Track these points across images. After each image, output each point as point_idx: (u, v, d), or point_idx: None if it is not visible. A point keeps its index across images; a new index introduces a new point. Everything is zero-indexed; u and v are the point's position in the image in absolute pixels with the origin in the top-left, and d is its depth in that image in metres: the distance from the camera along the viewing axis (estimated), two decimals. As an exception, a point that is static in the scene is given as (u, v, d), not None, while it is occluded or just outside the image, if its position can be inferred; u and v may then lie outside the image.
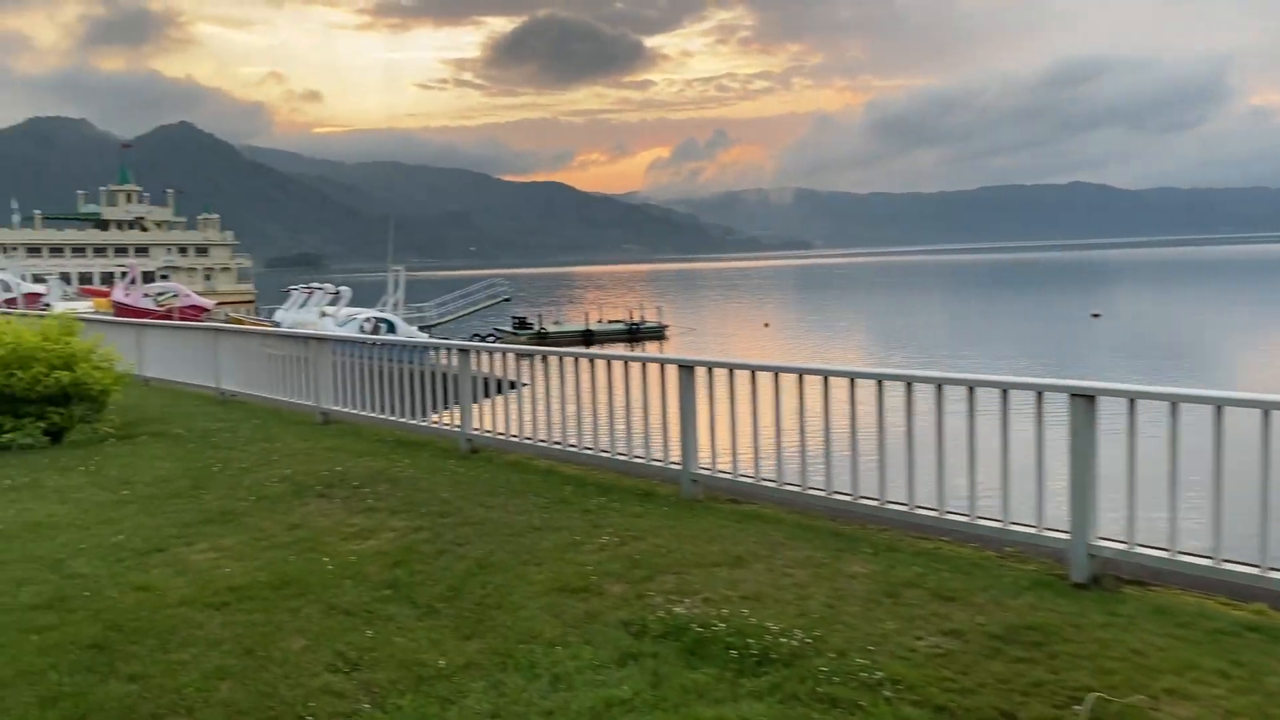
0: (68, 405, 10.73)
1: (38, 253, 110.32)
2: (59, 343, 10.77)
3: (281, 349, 13.01)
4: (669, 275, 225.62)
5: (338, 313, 40.58)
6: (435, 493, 7.75)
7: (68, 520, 7.32)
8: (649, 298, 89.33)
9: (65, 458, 9.65)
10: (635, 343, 54.59)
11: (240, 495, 7.88)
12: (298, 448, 9.86)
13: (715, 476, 7.66)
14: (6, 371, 10.43)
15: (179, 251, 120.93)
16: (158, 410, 12.68)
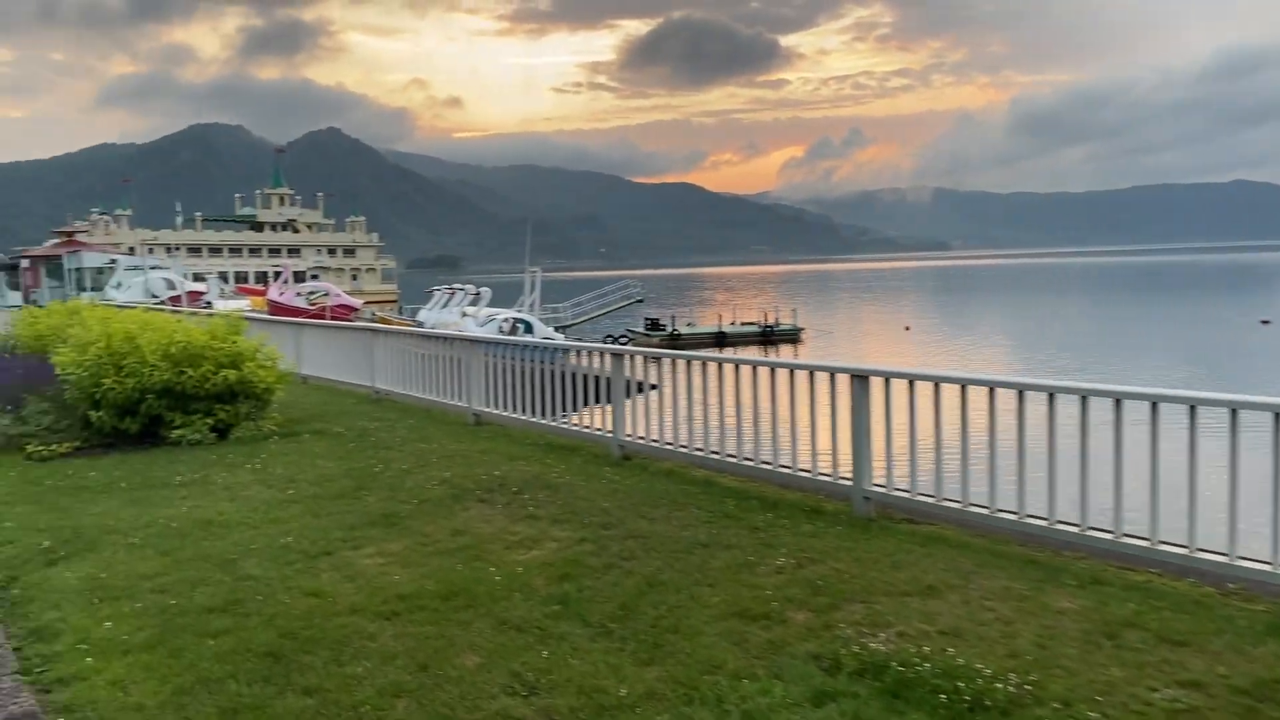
0: (234, 403, 11.01)
1: (198, 253, 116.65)
2: (226, 342, 11.07)
3: (434, 350, 13.10)
4: (801, 276, 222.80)
5: (478, 313, 41.34)
6: (595, 501, 7.53)
7: (237, 519, 7.40)
8: (782, 299, 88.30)
9: (232, 455, 9.87)
10: (769, 345, 53.91)
11: (402, 498, 7.83)
12: (453, 450, 9.83)
13: (891, 495, 7.18)
14: (177, 369, 10.77)
15: (328, 252, 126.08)
16: (317, 408, 12.94)
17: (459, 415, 12.22)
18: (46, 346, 14.51)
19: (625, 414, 9.59)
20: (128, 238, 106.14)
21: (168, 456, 9.95)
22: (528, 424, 11.10)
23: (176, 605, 5.55)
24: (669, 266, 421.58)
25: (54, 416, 11.07)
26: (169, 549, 6.66)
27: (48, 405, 11.26)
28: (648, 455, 9.38)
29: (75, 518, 7.57)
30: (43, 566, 6.45)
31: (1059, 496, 6.20)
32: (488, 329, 38.44)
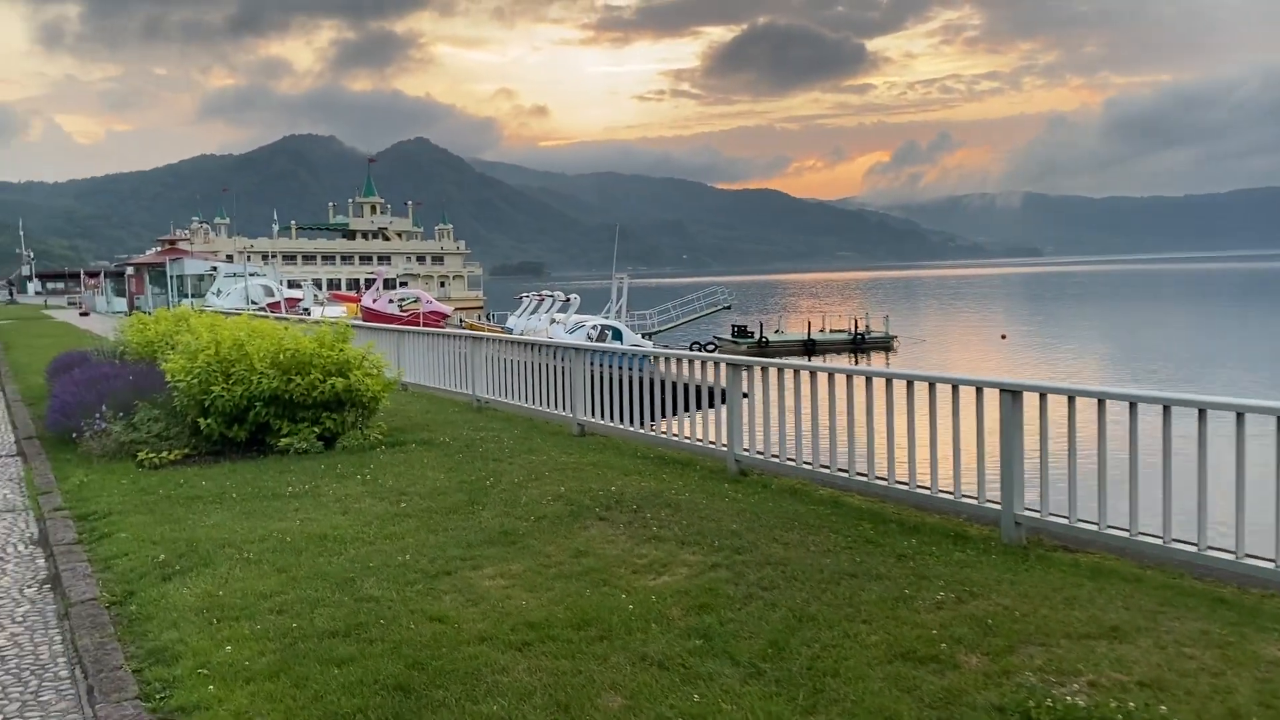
0: (340, 411, 10.88)
1: (292, 260, 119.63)
2: (334, 350, 10.94)
3: (536, 358, 12.85)
4: (887, 283, 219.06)
5: (567, 319, 41.25)
6: (721, 522, 7.10)
7: (351, 534, 7.16)
8: (868, 306, 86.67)
9: (341, 464, 9.70)
10: (860, 353, 52.85)
11: (518, 514, 7.52)
12: (563, 462, 9.52)
13: (1046, 520, 6.60)
14: (285, 377, 10.67)
15: (416, 259, 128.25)
16: (420, 417, 12.79)
17: (562, 425, 11.93)
18: (156, 353, 14.70)
19: (742, 428, 9.15)
20: (226, 245, 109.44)
21: (277, 466, 9.84)
22: (634, 435, 10.74)
23: (297, 628, 5.30)
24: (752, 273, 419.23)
25: (164, 424, 11.09)
26: (285, 565, 6.44)
27: (158, 412, 11.29)
28: (766, 471, 8.93)
29: (189, 530, 7.43)
30: (159, 581, 6.29)
31: (1246, 527, 5.58)
32: (576, 335, 38.35)
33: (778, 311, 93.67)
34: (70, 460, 10.66)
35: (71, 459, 10.70)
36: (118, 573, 6.56)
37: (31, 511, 8.77)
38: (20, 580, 6.76)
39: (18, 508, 8.96)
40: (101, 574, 6.60)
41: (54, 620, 5.96)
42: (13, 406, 15.73)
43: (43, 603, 6.29)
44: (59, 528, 7.93)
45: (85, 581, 6.47)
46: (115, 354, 15.82)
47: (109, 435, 10.80)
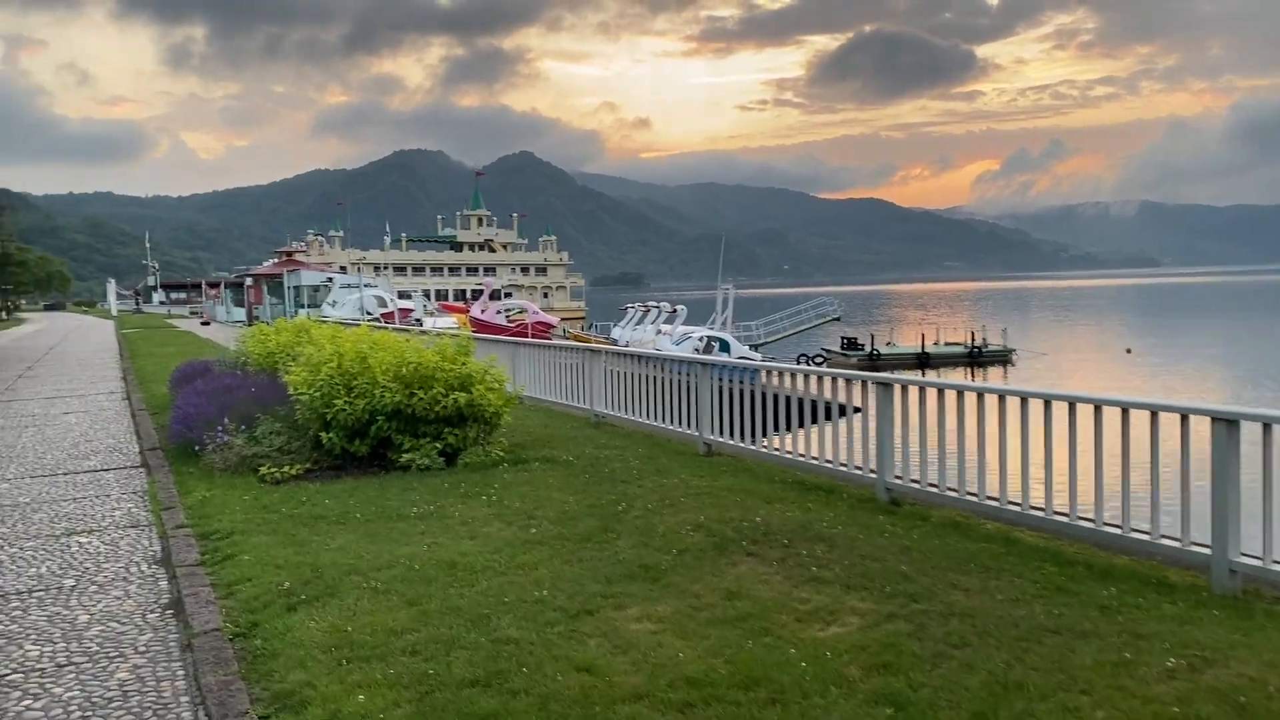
0: (463, 426, 10.52)
1: (402, 271, 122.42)
2: (456, 363, 10.60)
3: (658, 372, 12.30)
4: (996, 294, 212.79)
5: (674, 331, 40.76)
6: (886, 562, 6.41)
7: (482, 562, 6.70)
8: (979, 317, 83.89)
9: (464, 483, 9.30)
10: (977, 367, 50.98)
11: (656, 545, 6.95)
12: (697, 486, 8.92)
13: (1270, 568, 5.72)
14: (408, 391, 10.36)
15: (520, 271, 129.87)
16: (539, 432, 12.37)
17: (687, 444, 11.36)
18: (277, 364, 14.66)
19: (894, 453, 8.41)
20: (340, 257, 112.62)
21: (399, 483, 9.50)
22: (767, 456, 10.09)
23: (434, 675, 4.82)
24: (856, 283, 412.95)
25: (286, 437, 10.90)
26: (415, 597, 6.00)
27: (280, 425, 11.12)
28: (920, 501, 8.17)
29: (313, 554, 7.08)
30: (284, 612, 5.92)
31: None
32: (683, 347, 37.79)
33: (885, 323, 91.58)
34: (193, 473, 10.54)
35: (194, 472, 10.58)
36: (241, 600, 6.22)
37: (154, 528, 8.59)
38: (143, 604, 6.48)
39: (141, 523, 8.80)
40: (224, 600, 6.27)
41: (176, 651, 5.62)
42: (138, 416, 15.93)
43: (165, 631, 5.98)
44: (181, 547, 7.70)
45: (208, 609, 6.14)
46: (237, 365, 15.90)
47: (231, 448, 10.65)
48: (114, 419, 16.17)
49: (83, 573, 7.25)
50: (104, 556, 7.68)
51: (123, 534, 8.40)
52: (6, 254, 75.54)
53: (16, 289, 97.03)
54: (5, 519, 9.12)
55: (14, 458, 12.55)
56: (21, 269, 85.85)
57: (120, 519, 8.99)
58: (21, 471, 11.57)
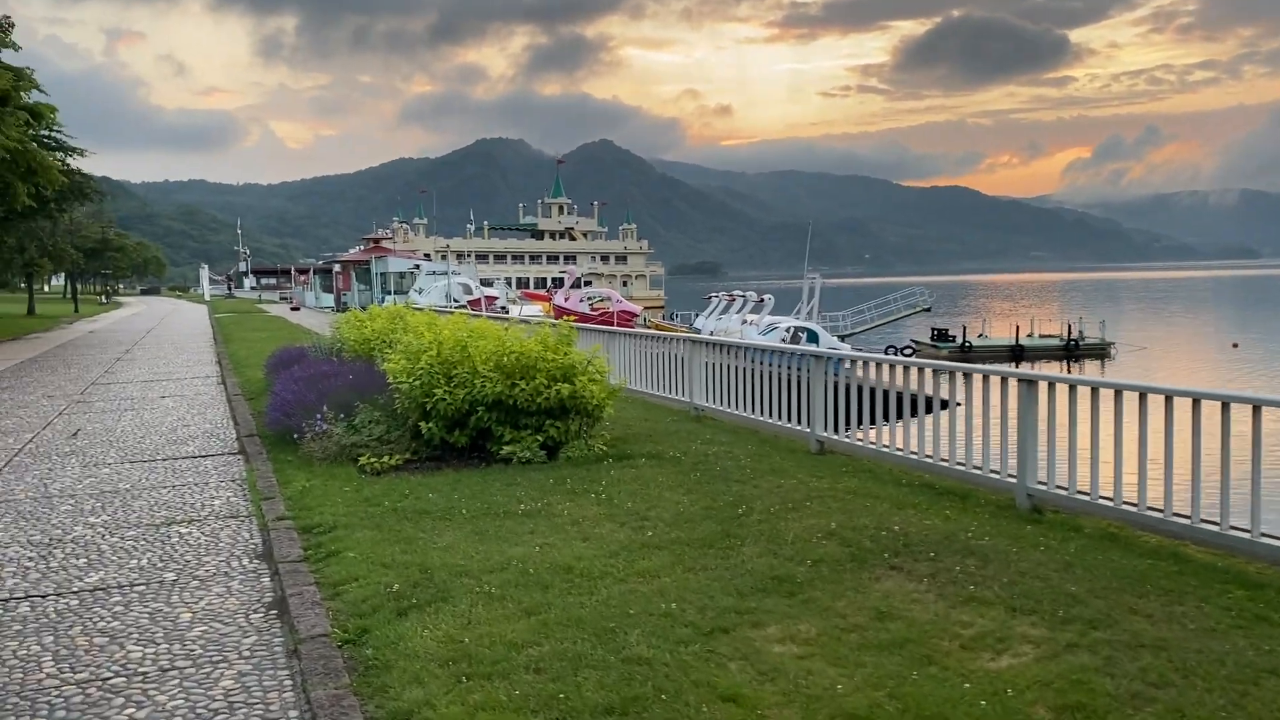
0: (565, 419, 10.10)
1: (484, 259, 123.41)
2: (559, 353, 10.18)
3: (766, 365, 11.73)
4: (1085, 285, 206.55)
5: (760, 320, 40.00)
6: (1049, 580, 5.77)
7: (599, 567, 6.25)
8: (1068, 309, 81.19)
9: (570, 479, 8.88)
10: (1074, 360, 49.16)
11: (786, 554, 6.42)
12: (817, 488, 8.35)
13: None
14: (509, 381, 9.98)
15: (600, 259, 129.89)
16: (639, 425, 11.92)
17: (797, 441, 10.78)
18: (373, 351, 14.47)
19: (1038, 457, 7.73)
20: (424, 244, 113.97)
21: (502, 477, 9.12)
22: (887, 456, 9.46)
23: (564, 699, 4.36)
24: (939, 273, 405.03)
25: (385, 426, 10.63)
26: (533, 605, 5.57)
27: (378, 414, 10.85)
28: (1065, 509, 7.49)
29: (421, 552, 6.72)
30: (394, 617, 5.54)
31: None
32: (770, 337, 37.06)
33: (971, 313, 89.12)
34: (291, 462, 10.34)
35: (292, 460, 10.37)
36: (348, 602, 5.87)
37: (255, 519, 8.35)
38: (246, 603, 6.18)
39: (240, 514, 8.57)
40: (330, 602, 5.93)
41: (282, 658, 5.28)
42: (234, 401, 15.92)
43: (270, 634, 5.65)
44: (283, 541, 7.41)
45: (314, 611, 5.80)
46: (332, 351, 15.77)
47: (330, 437, 10.42)
48: (210, 404, 16.20)
49: (183, 566, 7.01)
50: (204, 549, 7.44)
51: (223, 525, 8.18)
52: (106, 240, 78.04)
53: (115, 274, 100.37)
54: (106, 506, 8.99)
55: (114, 442, 12.54)
56: (120, 254, 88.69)
57: (220, 508, 8.79)
58: (121, 456, 11.52)
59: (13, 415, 15.31)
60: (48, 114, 33.60)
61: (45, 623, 5.86)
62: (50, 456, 11.62)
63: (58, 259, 62.41)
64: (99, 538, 7.84)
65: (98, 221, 74.33)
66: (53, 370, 23.18)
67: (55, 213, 42.43)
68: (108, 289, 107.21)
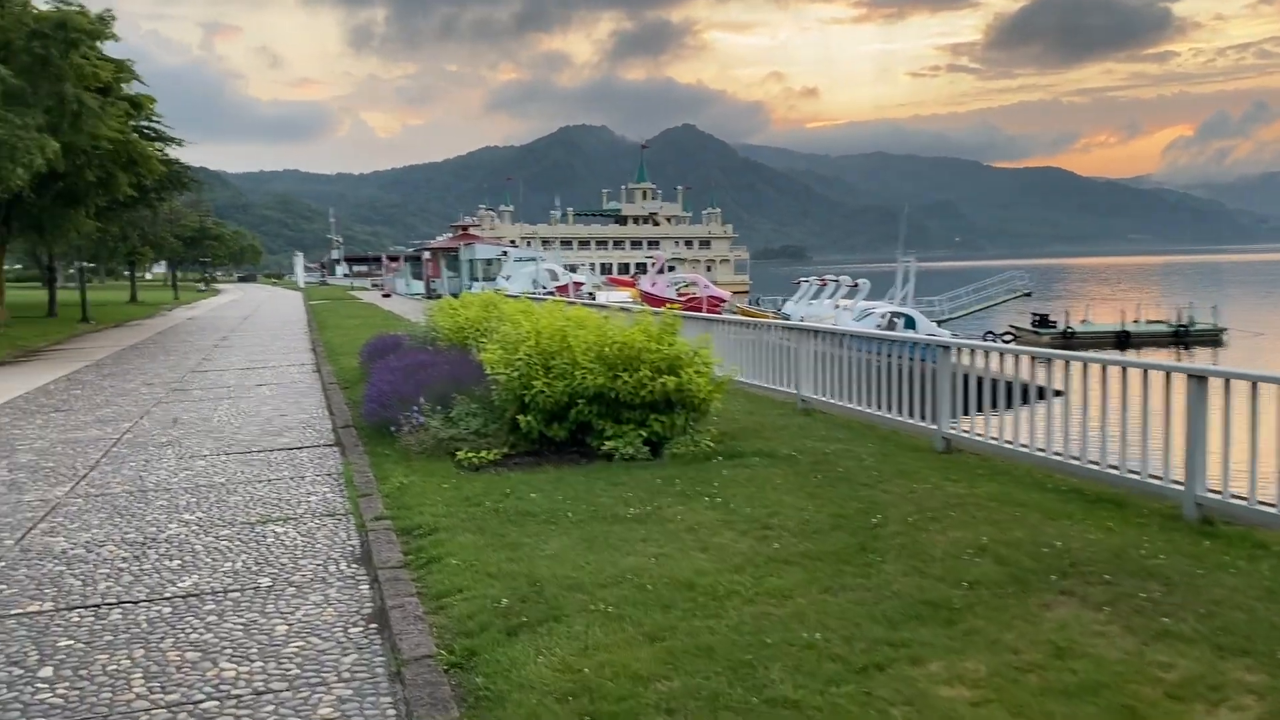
0: (670, 413, 9.52)
1: (568, 245, 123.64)
2: (663, 344, 9.59)
3: (883, 355, 10.96)
4: (1187, 268, 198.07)
5: (855, 306, 38.88)
6: (1253, 612, 4.97)
7: (724, 584, 5.65)
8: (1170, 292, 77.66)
9: (679, 479, 8.29)
10: (1184, 348, 46.79)
11: (935, 572, 5.73)
12: (954, 493, 7.62)
13: None
14: (611, 373, 9.43)
15: (684, 244, 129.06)
16: (744, 419, 11.28)
17: (918, 437, 10.02)
18: (467, 339, 14.10)
19: (1207, 459, 6.88)
20: (509, 231, 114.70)
21: (605, 475, 8.59)
22: (1025, 456, 8.64)
23: (705, 751, 3.79)
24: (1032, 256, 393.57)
25: (482, 419, 10.19)
26: (655, 629, 5.01)
27: (475, 406, 10.42)
28: (1241, 520, 6.63)
29: (528, 561, 6.21)
30: (504, 637, 5.03)
31: None
32: (865, 323, 35.95)
33: (1070, 298, 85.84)
34: (388, 455, 9.98)
35: (389, 454, 10.02)
36: (453, 618, 5.39)
37: (352, 518, 7.97)
38: (345, 615, 5.75)
39: (338, 511, 8.21)
40: (434, 617, 5.46)
41: (384, 681, 4.82)
42: (329, 390, 15.75)
43: (370, 651, 5.20)
44: (382, 543, 7.00)
45: (417, 627, 5.34)
46: (427, 340, 15.46)
47: (427, 430, 10.02)
48: (306, 392, 16.07)
49: (279, 570, 6.64)
50: (300, 551, 7.07)
51: (319, 524, 7.82)
52: (204, 229, 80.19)
53: (214, 262, 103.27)
54: (202, 501, 8.73)
55: (210, 432, 12.40)
56: (218, 243, 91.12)
57: (316, 505, 8.44)
58: (218, 447, 11.34)
59: (112, 404, 15.38)
60: (147, 104, 34.31)
61: (136, 633, 5.52)
62: (147, 447, 11.50)
63: (158, 247, 64.22)
64: (193, 536, 7.55)
65: (196, 211, 76.35)
66: (152, 357, 23.52)
67: (155, 202, 43.43)
68: (206, 276, 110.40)
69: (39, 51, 22.01)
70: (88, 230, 36.29)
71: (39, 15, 23.26)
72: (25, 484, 9.67)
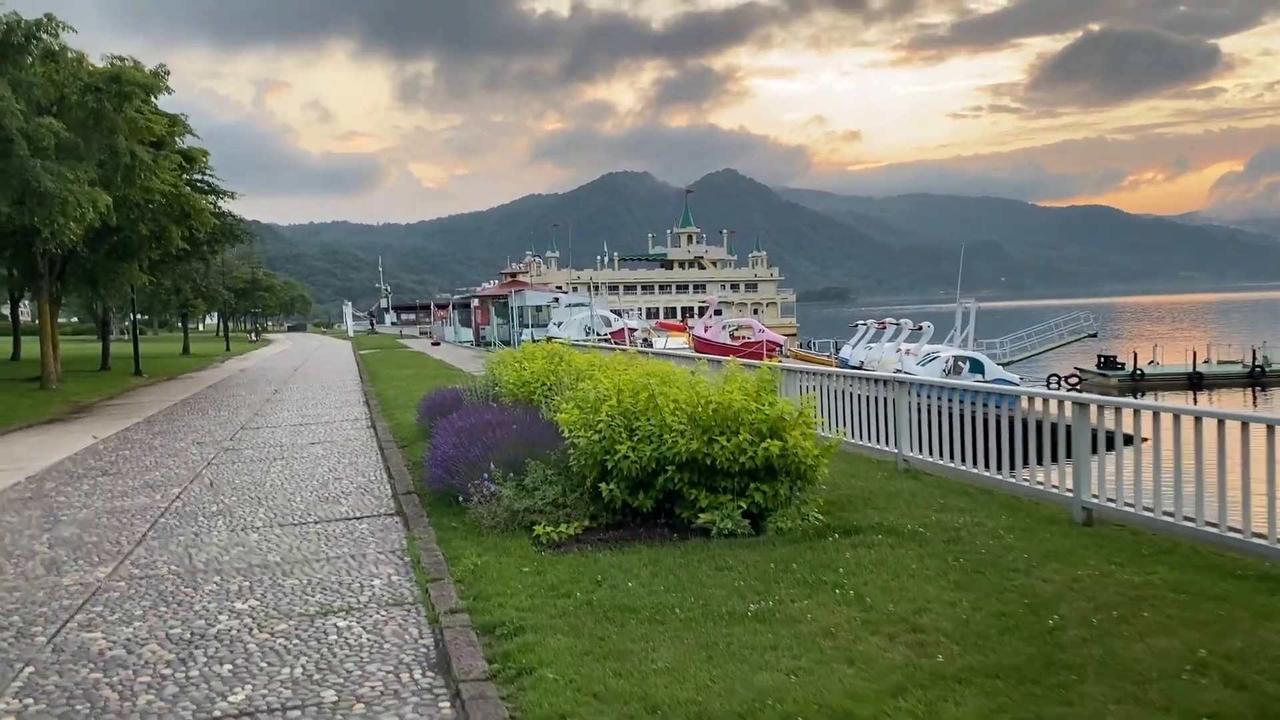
0: (772, 481, 8.48)
1: (615, 290, 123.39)
2: (763, 402, 8.58)
3: (1005, 410, 9.85)
4: (1242, 305, 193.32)
5: (919, 350, 37.55)
6: None
7: (888, 713, 4.58)
8: (1229, 331, 75.08)
9: (794, 561, 7.23)
10: (1261, 389, 44.78)
11: (1156, 700, 4.58)
12: (1129, 581, 6.46)
13: None
14: (706, 436, 8.43)
15: (730, 287, 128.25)
16: (844, 483, 10.20)
17: (1053, 505, 8.87)
18: (534, 396, 13.20)
19: None
20: (556, 277, 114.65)
21: (707, 556, 7.55)
22: (1188, 531, 7.47)
23: None
24: (1079, 295, 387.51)
25: (559, 488, 9.22)
26: (823, 786, 3.96)
27: (551, 473, 9.47)
28: None
29: (638, 677, 5.19)
30: (629, 791, 4.01)
31: None
32: (929, 368, 34.62)
33: (1126, 338, 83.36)
34: (456, 529, 9.04)
35: (457, 527, 9.08)
36: (561, 758, 4.38)
37: (423, 608, 7.01)
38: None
39: (405, 600, 7.25)
40: (536, 756, 4.45)
41: None
42: (385, 450, 14.90)
43: (463, 804, 4.20)
44: (461, 646, 6.01)
45: (518, 771, 4.33)
46: (489, 395, 14.56)
47: (499, 500, 9.07)
48: (361, 451, 15.25)
49: (344, 679, 5.68)
50: (367, 653, 6.11)
51: (386, 616, 6.86)
52: (255, 280, 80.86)
53: (264, 312, 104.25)
54: (255, 585, 7.83)
55: (263, 499, 11.57)
56: (269, 294, 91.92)
57: (380, 592, 7.50)
58: (271, 518, 10.48)
59: (162, 465, 14.65)
60: (200, 158, 34.26)
61: (179, 776, 4.57)
62: (197, 517, 10.69)
63: (210, 299, 64.60)
64: (246, 632, 6.62)
65: (247, 262, 77.03)
66: (203, 413, 22.94)
67: (208, 254, 43.47)
68: (257, 327, 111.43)
69: (92, 105, 21.76)
70: (141, 284, 36.20)
71: (93, 71, 23.09)
72: (65, 563, 8.86)
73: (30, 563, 8.95)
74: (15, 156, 19.45)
